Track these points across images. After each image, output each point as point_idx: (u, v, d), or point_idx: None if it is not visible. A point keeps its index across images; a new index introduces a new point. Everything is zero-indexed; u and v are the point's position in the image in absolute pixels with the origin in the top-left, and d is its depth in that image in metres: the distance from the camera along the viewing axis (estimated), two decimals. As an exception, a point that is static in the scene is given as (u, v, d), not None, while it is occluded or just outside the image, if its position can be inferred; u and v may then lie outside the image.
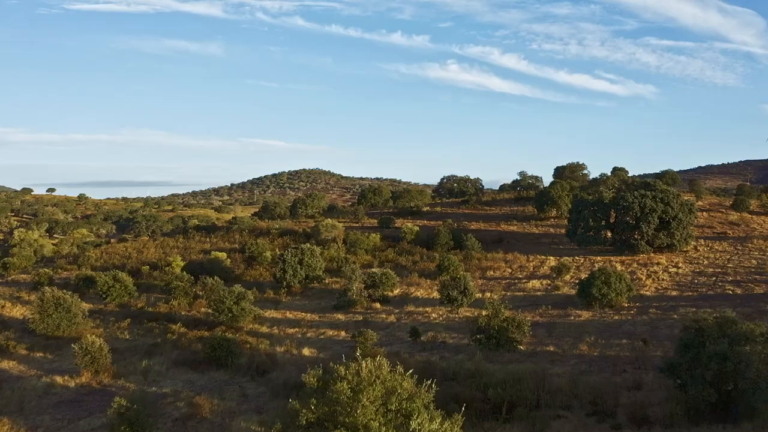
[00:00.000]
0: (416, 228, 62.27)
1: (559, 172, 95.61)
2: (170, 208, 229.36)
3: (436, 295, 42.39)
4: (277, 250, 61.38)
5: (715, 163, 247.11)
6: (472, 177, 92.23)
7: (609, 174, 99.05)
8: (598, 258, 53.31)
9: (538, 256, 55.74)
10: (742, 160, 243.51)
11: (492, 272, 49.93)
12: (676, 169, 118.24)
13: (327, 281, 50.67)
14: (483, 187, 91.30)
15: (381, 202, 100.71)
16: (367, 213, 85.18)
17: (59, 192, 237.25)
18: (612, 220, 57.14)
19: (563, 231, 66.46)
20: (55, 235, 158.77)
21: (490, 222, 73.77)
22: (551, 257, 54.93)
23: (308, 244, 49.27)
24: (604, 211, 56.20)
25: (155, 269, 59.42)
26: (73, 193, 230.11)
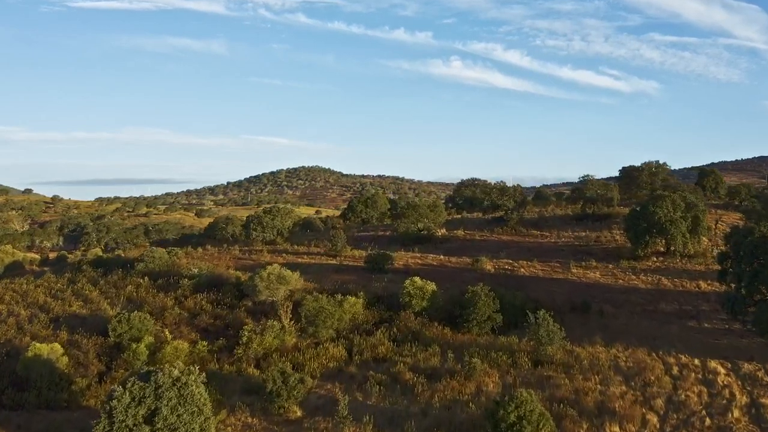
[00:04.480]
0: (430, 287, 33.68)
1: (631, 176, 66.65)
2: (144, 212, 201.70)
3: None
4: (166, 333, 32.93)
5: (729, 160, 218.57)
6: (507, 182, 62.33)
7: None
8: (828, 372, 24.67)
9: (680, 355, 27.19)
10: (757, 156, 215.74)
11: (615, 427, 21.22)
12: (684, 166, 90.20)
13: (237, 433, 22.33)
14: (526, 197, 61.64)
15: (375, 217, 71.99)
16: (354, 238, 56.89)
17: (49, 192, 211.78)
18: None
19: (688, 284, 37.92)
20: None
21: (548, 259, 45.17)
22: (713, 361, 26.40)
23: (179, 365, 20.61)
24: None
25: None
26: (74, 193, 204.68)
